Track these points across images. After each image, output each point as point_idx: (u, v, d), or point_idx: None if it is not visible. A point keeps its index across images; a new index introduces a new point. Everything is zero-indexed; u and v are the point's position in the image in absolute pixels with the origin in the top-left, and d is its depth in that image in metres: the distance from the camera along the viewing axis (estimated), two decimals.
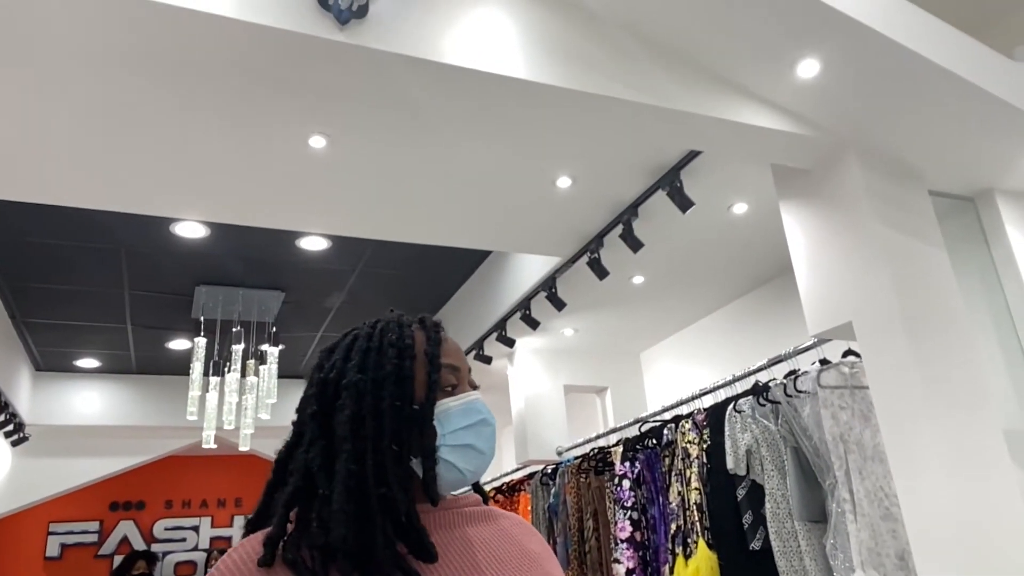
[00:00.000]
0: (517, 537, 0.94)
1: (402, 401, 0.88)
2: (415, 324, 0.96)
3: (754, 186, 2.98)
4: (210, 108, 2.32)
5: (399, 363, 0.90)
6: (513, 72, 1.94)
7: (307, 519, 0.82)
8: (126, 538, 7.50)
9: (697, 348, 4.60)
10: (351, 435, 0.84)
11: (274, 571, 0.79)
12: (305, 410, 0.90)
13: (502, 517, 0.96)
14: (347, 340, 0.94)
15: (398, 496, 0.83)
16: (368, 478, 0.83)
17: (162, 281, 4.59)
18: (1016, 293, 2.54)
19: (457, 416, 0.91)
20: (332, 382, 0.90)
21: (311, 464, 0.84)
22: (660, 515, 3.20)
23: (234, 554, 0.81)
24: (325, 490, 0.82)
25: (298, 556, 0.79)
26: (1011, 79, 2.24)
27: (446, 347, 0.95)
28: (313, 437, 0.86)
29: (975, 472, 2.10)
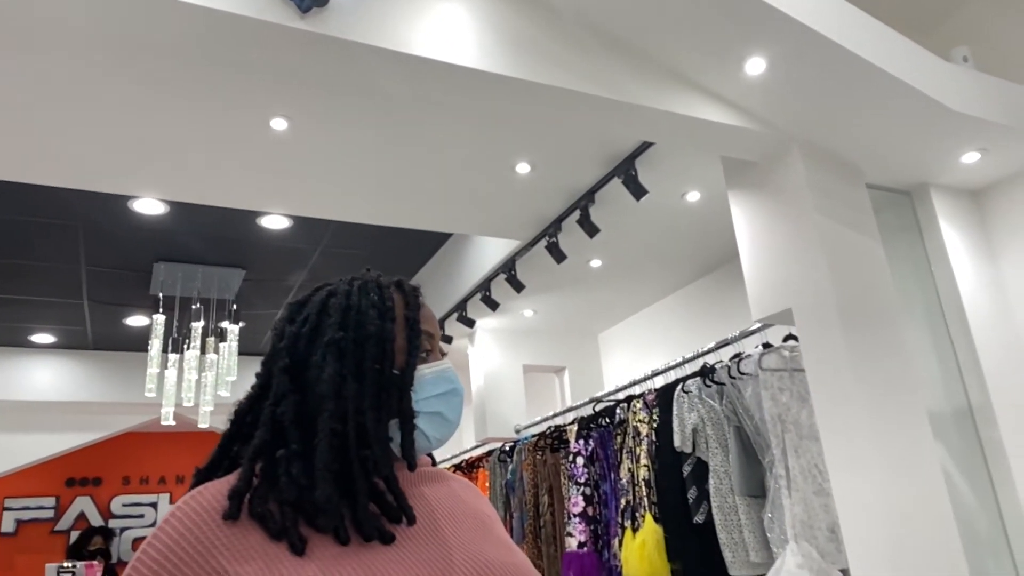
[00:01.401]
0: (468, 498, 0.94)
1: (382, 364, 0.87)
2: (393, 286, 0.94)
3: (706, 176, 3.09)
4: (169, 88, 2.33)
5: (381, 324, 0.88)
6: (470, 62, 1.99)
7: (273, 473, 0.80)
8: (83, 514, 7.45)
9: (653, 330, 4.73)
10: (333, 394, 0.83)
11: (240, 524, 0.76)
12: (274, 363, 0.87)
13: (452, 479, 0.97)
14: (321, 296, 0.92)
15: (380, 458, 0.83)
16: (350, 439, 0.82)
17: (120, 257, 4.55)
18: (945, 282, 2.69)
19: (430, 384, 0.91)
20: (306, 337, 0.87)
21: (282, 418, 0.82)
22: (612, 490, 3.33)
23: (190, 503, 0.78)
24: (297, 446, 0.80)
25: (266, 510, 0.77)
26: (947, 81, 2.37)
27: (423, 312, 0.94)
28: (284, 391, 0.84)
29: (901, 450, 2.25)
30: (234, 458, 0.85)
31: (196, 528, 0.76)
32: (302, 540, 0.75)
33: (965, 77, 2.44)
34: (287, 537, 0.75)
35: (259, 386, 0.88)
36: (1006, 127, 2.47)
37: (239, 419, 0.87)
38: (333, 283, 0.93)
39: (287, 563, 0.74)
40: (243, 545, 0.75)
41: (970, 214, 2.85)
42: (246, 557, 0.74)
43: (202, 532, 0.75)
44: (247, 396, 0.89)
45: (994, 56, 2.84)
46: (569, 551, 3.36)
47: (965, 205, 2.85)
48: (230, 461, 0.85)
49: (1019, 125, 2.50)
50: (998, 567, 2.45)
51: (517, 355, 4.87)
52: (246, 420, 0.86)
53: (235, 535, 0.76)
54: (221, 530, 0.76)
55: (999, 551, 2.46)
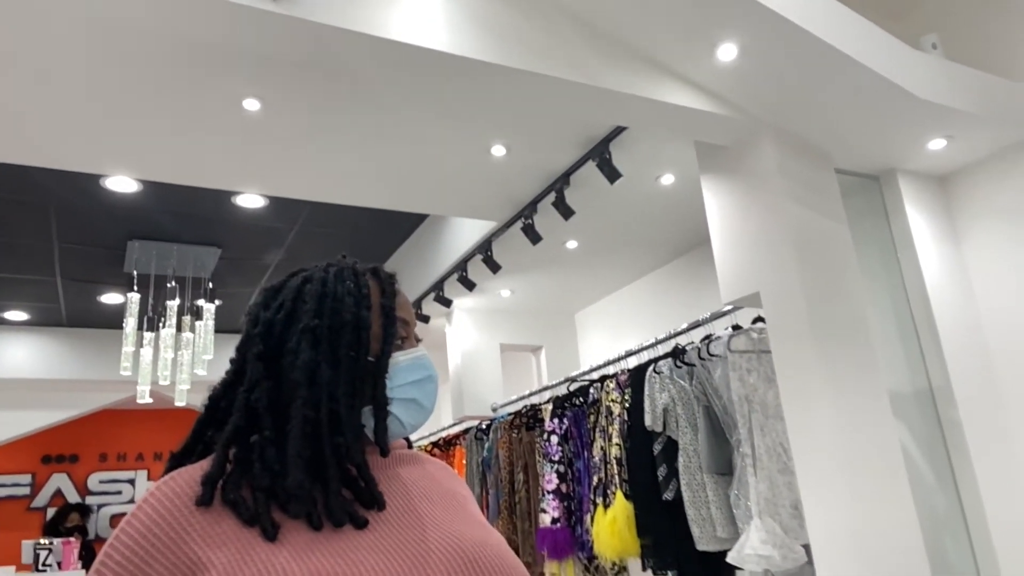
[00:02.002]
0: (442, 479, 0.95)
1: (357, 351, 0.87)
2: (369, 273, 0.95)
3: (680, 159, 3.11)
4: (140, 68, 2.30)
5: (356, 312, 0.88)
6: (442, 46, 1.99)
7: (247, 460, 0.80)
8: (59, 491, 7.44)
9: (629, 310, 4.78)
10: (307, 381, 0.83)
11: (212, 509, 0.77)
12: (248, 349, 0.87)
13: (427, 461, 0.98)
14: (296, 282, 0.92)
15: (352, 445, 0.83)
16: (323, 425, 0.82)
17: (93, 234, 4.50)
18: (910, 266, 2.76)
19: (405, 371, 0.92)
20: (280, 323, 0.87)
21: (255, 404, 0.83)
22: (585, 468, 3.39)
23: (163, 489, 0.78)
24: (270, 432, 0.81)
25: (239, 496, 0.77)
26: (914, 69, 2.40)
27: (399, 300, 0.95)
28: (258, 378, 0.84)
29: (862, 430, 2.32)
30: (208, 443, 0.85)
31: (168, 514, 0.76)
32: (275, 526, 0.76)
33: (932, 65, 2.48)
34: (259, 523, 0.76)
35: (233, 372, 0.88)
36: (971, 115, 2.51)
37: (213, 404, 0.87)
38: (308, 269, 0.93)
39: (259, 549, 0.74)
40: (216, 531, 0.76)
41: (936, 199, 2.90)
42: (219, 543, 0.75)
43: (174, 518, 0.76)
44: (221, 382, 0.89)
45: (963, 43, 2.88)
46: (543, 527, 3.43)
47: (931, 190, 2.91)
48: (204, 446, 0.86)
49: (984, 113, 2.55)
50: (955, 543, 2.55)
51: (494, 334, 4.91)
52: (220, 405, 0.86)
53: (208, 521, 0.76)
54: (194, 516, 0.76)
55: (956, 528, 2.55)
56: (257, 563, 0.73)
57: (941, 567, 2.49)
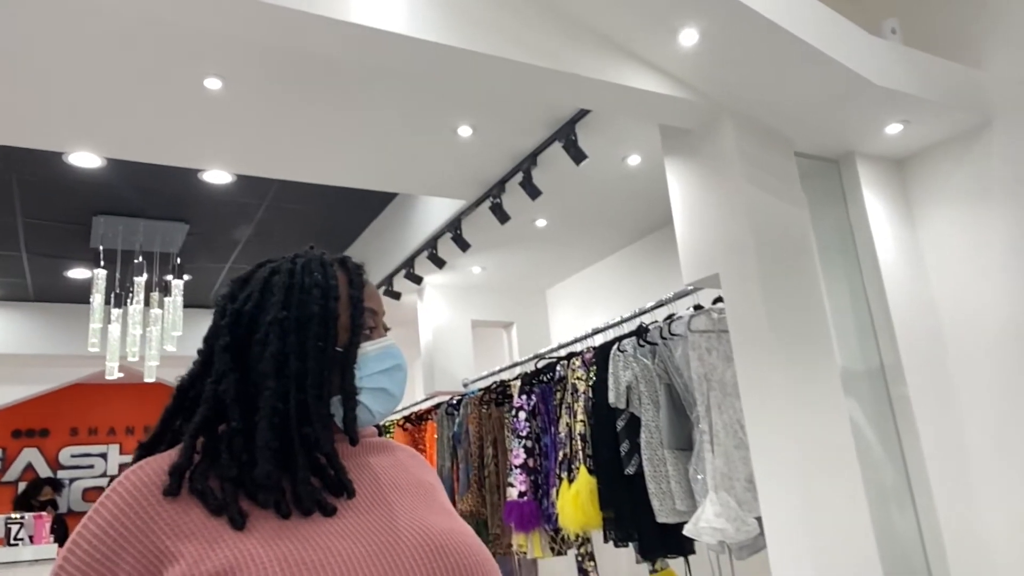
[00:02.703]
0: (412, 468, 0.96)
1: (325, 342, 0.88)
2: (336, 264, 0.95)
3: (647, 141, 3.14)
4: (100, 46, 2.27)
5: (324, 304, 0.89)
6: (402, 29, 1.98)
7: (215, 450, 0.81)
8: (31, 465, 7.41)
9: (599, 286, 4.84)
10: (275, 372, 0.84)
11: (180, 500, 0.77)
12: (216, 340, 0.88)
13: (398, 449, 0.99)
14: (264, 273, 0.92)
15: (321, 434, 0.84)
16: (291, 416, 0.83)
17: (57, 210, 4.44)
18: (865, 247, 2.83)
19: (374, 360, 0.92)
20: (248, 315, 0.88)
21: (223, 396, 0.83)
22: (552, 443, 3.47)
23: (131, 478, 0.79)
24: (237, 423, 0.82)
25: (207, 487, 0.78)
26: (871, 55, 2.44)
27: (367, 290, 0.95)
28: (225, 369, 0.85)
29: (813, 407, 2.40)
30: (176, 433, 0.86)
31: (136, 504, 0.76)
32: (242, 515, 0.77)
33: (890, 51, 2.52)
34: (227, 512, 0.76)
35: (201, 363, 0.88)
36: (927, 100, 2.57)
37: (181, 395, 0.88)
38: (276, 260, 0.94)
39: (227, 537, 0.75)
40: (183, 521, 0.76)
41: (893, 182, 2.97)
42: (186, 534, 0.75)
43: (142, 508, 0.76)
44: (189, 372, 0.89)
45: (923, 27, 2.92)
46: (510, 500, 3.51)
47: (889, 173, 2.97)
48: (172, 435, 0.86)
49: (940, 98, 2.60)
50: (901, 512, 2.66)
51: (465, 311, 4.94)
52: (188, 396, 0.87)
53: (175, 511, 0.76)
54: (161, 506, 0.76)
55: (902, 498, 2.66)
56: (224, 551, 0.73)
57: (888, 535, 2.59)
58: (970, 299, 2.75)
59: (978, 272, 2.73)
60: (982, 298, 2.71)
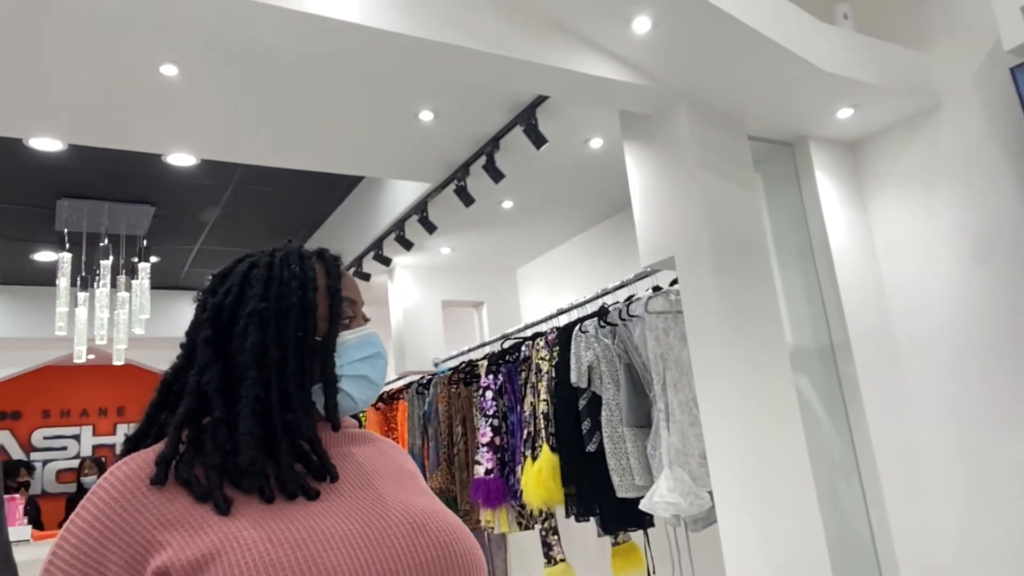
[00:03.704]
0: (393, 456, 0.99)
1: (305, 332, 0.90)
2: (314, 257, 0.97)
3: (608, 124, 3.18)
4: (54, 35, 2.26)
5: (303, 295, 0.91)
6: (354, 18, 1.99)
7: (199, 440, 0.83)
8: (2, 447, 7.38)
9: (568, 266, 4.89)
10: (255, 363, 0.86)
11: (167, 490, 0.79)
12: (198, 334, 0.90)
13: (379, 440, 1.01)
14: (243, 267, 0.94)
15: (303, 421, 0.87)
16: (273, 404, 0.86)
17: (19, 193, 4.40)
18: (817, 229, 2.90)
19: (354, 348, 0.95)
20: (228, 308, 0.90)
21: (206, 387, 0.85)
22: (517, 422, 3.54)
23: (120, 470, 0.81)
24: (220, 413, 0.84)
25: (192, 475, 0.80)
26: (820, 41, 2.49)
27: (345, 281, 0.98)
28: (207, 361, 0.87)
29: (761, 385, 2.48)
30: (162, 426, 0.88)
31: (122, 497, 0.78)
32: (227, 500, 0.79)
33: (839, 37, 2.58)
34: (212, 499, 0.79)
35: (184, 356, 0.91)
36: (876, 85, 2.63)
37: (165, 389, 0.90)
38: (255, 255, 0.96)
39: (213, 523, 0.77)
40: (169, 510, 0.78)
41: (846, 165, 3.04)
42: (172, 523, 0.77)
43: (128, 500, 0.78)
44: (172, 366, 0.92)
45: (875, 11, 2.98)
46: (477, 477, 3.59)
47: (841, 156, 3.04)
48: (158, 429, 0.89)
49: (888, 83, 2.66)
50: (848, 486, 2.77)
51: (435, 291, 4.98)
52: (172, 389, 0.89)
53: (162, 500, 0.79)
54: (147, 497, 0.79)
55: (849, 472, 2.77)
56: (210, 535, 0.76)
57: (835, 507, 2.71)
58: (918, 280, 2.84)
59: (926, 253, 2.82)
60: (929, 279, 2.80)
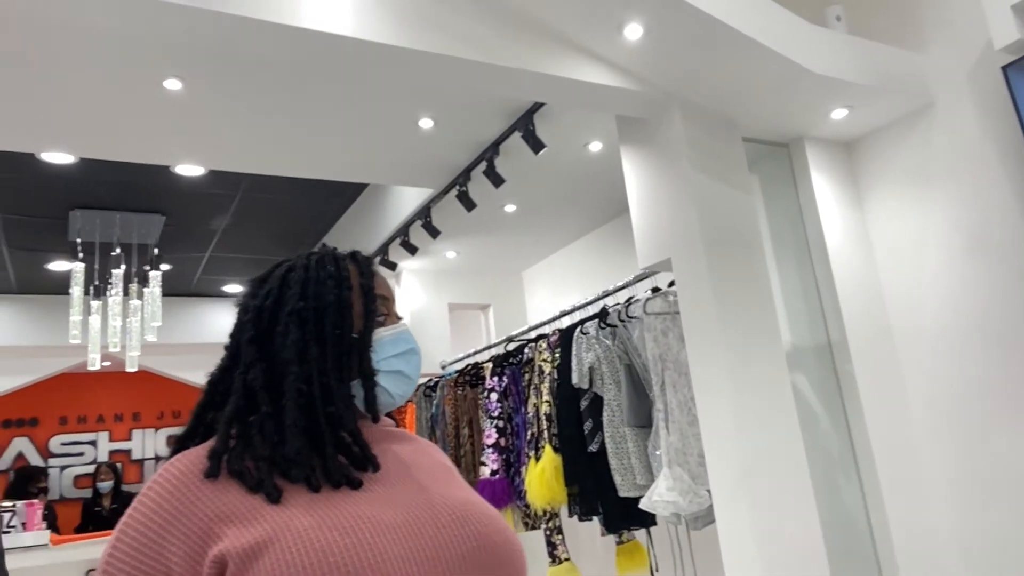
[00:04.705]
0: (431, 452, 1.03)
1: (342, 329, 0.94)
2: (348, 258, 1.02)
3: (606, 127, 3.22)
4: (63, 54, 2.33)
5: (338, 293, 0.95)
6: (348, 31, 2.04)
7: (248, 435, 0.87)
8: (22, 454, 7.50)
9: (573, 268, 4.93)
10: (297, 359, 0.90)
11: (219, 483, 0.83)
12: (241, 335, 0.94)
13: (415, 438, 1.05)
14: (281, 271, 0.98)
15: (344, 413, 0.91)
16: (315, 398, 0.89)
17: (33, 205, 4.50)
18: (814, 230, 2.93)
19: (389, 344, 0.98)
20: (269, 309, 0.94)
21: (252, 384, 0.90)
22: (522, 423, 3.59)
23: (174, 466, 0.85)
24: (267, 408, 0.88)
25: (243, 467, 0.84)
26: (811, 44, 2.52)
27: (377, 279, 1.02)
28: (252, 360, 0.91)
29: (758, 383, 2.51)
30: (209, 425, 0.92)
31: (177, 490, 0.82)
32: (277, 489, 0.83)
33: (830, 39, 2.60)
34: (263, 488, 0.82)
35: (228, 357, 0.95)
36: (868, 86, 2.65)
37: (212, 389, 0.94)
38: (292, 259, 1.01)
39: (265, 512, 0.81)
40: (223, 502, 0.82)
41: (842, 164, 3.06)
42: (226, 514, 0.81)
43: (183, 493, 0.82)
44: (218, 367, 0.96)
45: (868, 12, 3.00)
46: (482, 478, 3.64)
47: (838, 156, 3.06)
48: (206, 428, 0.92)
49: (881, 83, 2.69)
50: (847, 482, 2.79)
51: (441, 294, 5.04)
52: (218, 389, 0.93)
53: (215, 493, 0.82)
54: (201, 490, 0.82)
55: (848, 469, 2.79)
56: (263, 523, 0.80)
57: (835, 502, 2.74)
58: (914, 277, 2.86)
59: (922, 251, 2.84)
60: (926, 276, 2.82)
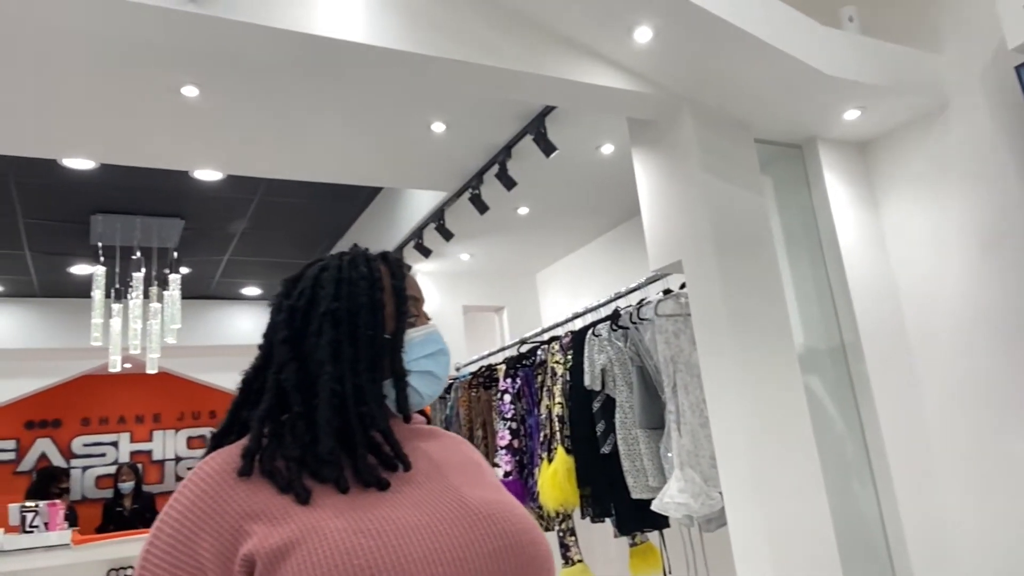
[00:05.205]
0: (462, 449, 1.04)
1: (375, 330, 0.95)
2: (379, 259, 1.03)
3: (617, 130, 3.23)
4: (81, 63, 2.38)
5: (371, 295, 0.96)
6: (361, 38, 2.07)
7: (279, 434, 0.88)
8: (44, 455, 7.63)
9: (586, 269, 4.94)
10: (331, 359, 0.91)
11: (252, 481, 0.85)
12: (274, 335, 0.95)
13: (445, 435, 1.06)
14: (314, 271, 0.99)
15: (376, 413, 0.92)
16: (348, 397, 0.90)
17: (55, 210, 4.58)
18: (827, 231, 2.92)
19: (419, 345, 1.00)
20: (301, 310, 0.95)
21: (285, 384, 0.91)
22: (535, 425, 3.60)
23: (208, 465, 0.87)
24: (299, 408, 0.89)
25: (274, 467, 0.85)
26: (823, 46, 2.51)
27: (408, 281, 1.03)
28: (285, 360, 0.92)
29: (769, 385, 2.51)
30: (244, 423, 0.93)
31: (211, 489, 0.84)
32: (306, 491, 0.84)
33: (842, 40, 2.60)
34: (292, 490, 0.84)
35: (262, 356, 0.97)
36: (881, 87, 2.64)
37: (246, 387, 0.96)
38: (325, 259, 1.02)
39: (294, 513, 0.82)
40: (255, 501, 0.83)
41: (856, 165, 3.05)
42: (257, 513, 0.82)
43: (217, 492, 0.84)
44: (252, 366, 0.98)
45: (882, 12, 2.98)
46: None
47: (852, 157, 3.05)
48: (240, 425, 0.94)
49: (894, 84, 2.67)
50: (861, 485, 2.78)
51: (456, 296, 5.06)
52: (253, 387, 0.95)
53: (248, 492, 0.84)
54: (234, 489, 0.84)
55: (862, 471, 2.78)
56: (291, 524, 0.81)
57: (848, 503, 2.72)
58: (929, 279, 2.84)
59: (937, 252, 2.82)
60: (940, 278, 2.80)
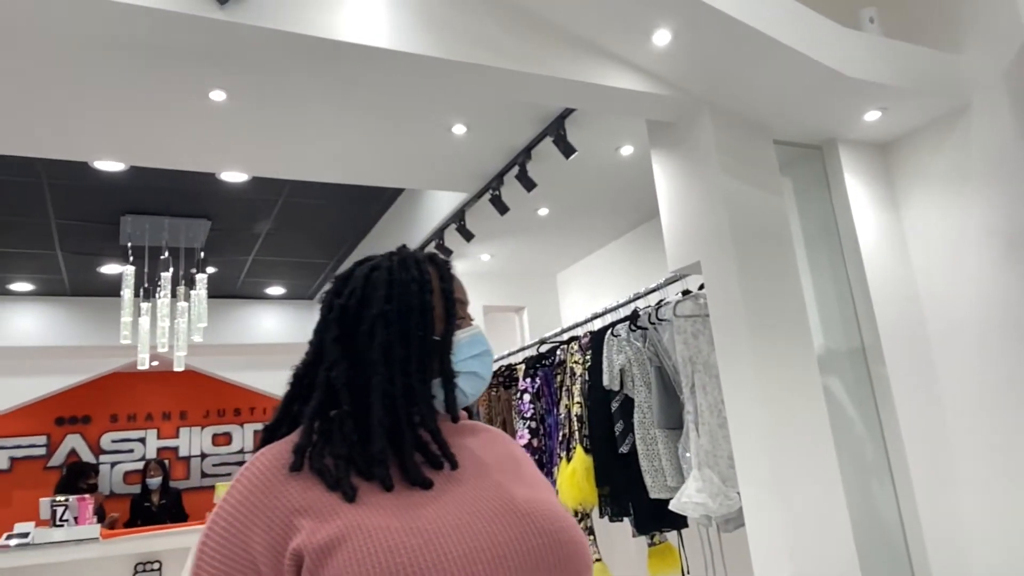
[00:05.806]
0: (504, 444, 1.05)
1: (425, 331, 0.97)
2: (428, 261, 1.04)
3: (637, 131, 3.25)
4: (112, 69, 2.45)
5: (422, 296, 0.98)
6: (384, 43, 2.12)
7: (328, 431, 0.91)
8: (74, 450, 7.80)
9: (607, 270, 4.96)
10: (383, 360, 0.93)
11: (302, 477, 0.87)
12: (325, 333, 0.97)
13: (487, 429, 1.08)
14: (364, 270, 1.01)
15: (427, 413, 0.94)
16: (398, 398, 0.93)
17: (87, 211, 4.70)
18: (847, 233, 2.91)
19: (466, 346, 1.01)
20: (353, 309, 0.97)
21: (335, 382, 0.93)
22: (554, 424, 3.62)
23: (260, 460, 0.90)
24: (348, 406, 0.92)
25: (324, 465, 0.88)
26: (843, 47, 2.51)
27: (456, 283, 1.05)
28: (336, 358, 0.94)
29: (787, 386, 2.51)
30: (295, 417, 0.97)
31: (263, 484, 0.87)
32: (353, 489, 0.86)
33: (862, 42, 2.59)
34: (340, 488, 0.86)
35: (313, 353, 0.99)
36: (902, 88, 2.63)
37: (297, 382, 0.99)
38: (375, 258, 1.04)
39: (340, 510, 0.84)
40: (304, 497, 0.86)
41: (877, 166, 3.04)
42: (306, 508, 0.85)
43: (268, 487, 0.87)
44: (303, 361, 1.00)
45: (902, 14, 2.97)
46: None
47: (872, 158, 3.04)
48: (291, 419, 0.97)
49: (915, 85, 2.67)
50: (881, 486, 2.77)
51: (476, 297, 5.10)
52: (304, 383, 0.98)
53: (298, 488, 0.86)
54: (285, 484, 0.87)
55: (881, 472, 2.77)
56: (337, 521, 0.83)
57: (867, 504, 2.72)
58: (950, 280, 2.82)
59: (958, 254, 2.80)
60: (961, 279, 2.78)
